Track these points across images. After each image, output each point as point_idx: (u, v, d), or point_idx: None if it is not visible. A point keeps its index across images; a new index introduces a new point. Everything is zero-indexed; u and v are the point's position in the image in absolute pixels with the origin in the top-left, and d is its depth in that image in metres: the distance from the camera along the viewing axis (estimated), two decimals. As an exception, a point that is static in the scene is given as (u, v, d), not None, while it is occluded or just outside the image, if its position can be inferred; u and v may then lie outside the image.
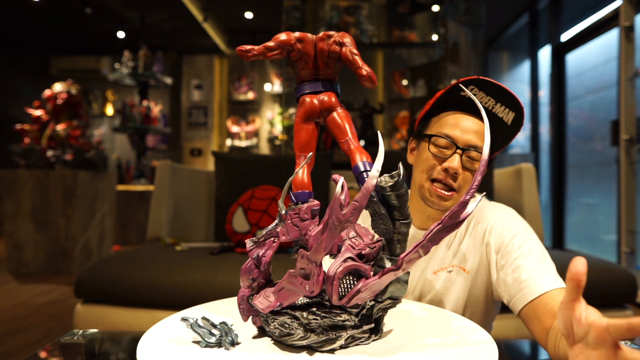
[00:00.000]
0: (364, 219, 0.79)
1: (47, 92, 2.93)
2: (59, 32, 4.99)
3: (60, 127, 2.84)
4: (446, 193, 0.64)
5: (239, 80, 5.56)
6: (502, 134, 0.66)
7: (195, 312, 0.53)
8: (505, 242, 0.64)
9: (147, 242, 3.18)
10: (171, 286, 1.16)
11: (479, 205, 0.71)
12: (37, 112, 2.88)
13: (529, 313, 0.57)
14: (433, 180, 0.66)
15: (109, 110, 5.65)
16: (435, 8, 2.65)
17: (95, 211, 2.84)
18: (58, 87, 2.94)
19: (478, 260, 0.68)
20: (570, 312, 0.34)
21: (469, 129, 0.65)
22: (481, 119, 0.65)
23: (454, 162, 0.63)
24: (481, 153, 0.63)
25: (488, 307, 0.71)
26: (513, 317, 1.17)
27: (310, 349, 0.42)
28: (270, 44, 0.45)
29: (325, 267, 0.42)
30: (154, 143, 5.54)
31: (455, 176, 0.64)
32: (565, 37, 3.39)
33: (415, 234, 0.72)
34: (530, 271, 0.59)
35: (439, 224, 0.41)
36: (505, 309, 1.17)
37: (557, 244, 3.38)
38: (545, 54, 3.82)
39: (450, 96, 0.67)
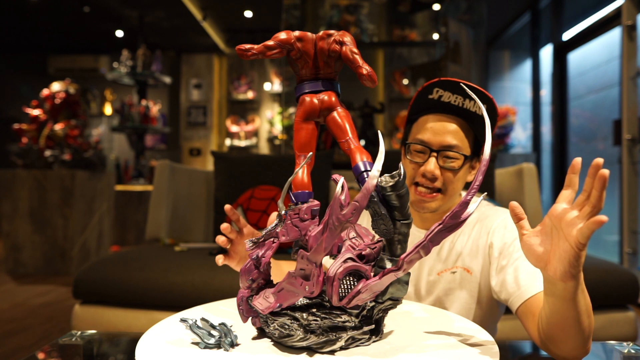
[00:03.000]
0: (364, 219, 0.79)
1: (45, 92, 2.92)
2: (57, 31, 4.97)
3: (58, 127, 2.83)
4: (427, 195, 0.66)
5: (239, 79, 5.56)
6: (481, 125, 0.67)
7: (194, 313, 0.53)
8: (508, 244, 0.66)
9: (145, 243, 3.17)
10: (170, 287, 1.15)
11: (483, 208, 0.73)
12: (35, 112, 2.86)
13: (525, 310, 0.59)
14: (416, 185, 0.68)
15: (108, 109, 5.63)
16: (436, 7, 2.65)
17: (94, 211, 2.83)
18: (56, 86, 2.93)
19: (482, 262, 0.69)
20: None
21: (441, 130, 0.66)
22: (455, 116, 0.67)
23: (430, 165, 0.66)
24: (457, 152, 0.66)
25: (492, 308, 0.71)
26: (514, 319, 1.18)
27: (310, 350, 0.42)
28: (270, 42, 0.45)
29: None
30: (153, 143, 5.53)
31: (434, 179, 0.66)
32: (567, 36, 3.39)
33: (415, 232, 0.73)
34: (529, 272, 0.61)
35: (440, 224, 0.40)
36: (506, 310, 1.17)
37: (557, 244, 3.36)
38: (547, 53, 3.83)
39: (420, 100, 0.69)
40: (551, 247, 0.44)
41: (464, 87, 0.56)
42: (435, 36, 2.73)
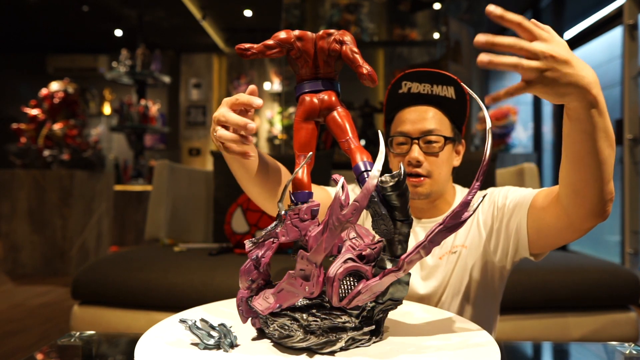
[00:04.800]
0: (364, 218, 0.79)
1: (43, 91, 2.91)
2: (56, 31, 4.97)
3: (57, 127, 2.82)
4: (415, 180, 0.69)
5: (238, 79, 5.55)
6: (453, 108, 0.71)
7: (193, 314, 0.53)
8: (499, 202, 0.70)
9: (145, 243, 3.16)
10: (169, 287, 1.15)
11: (464, 190, 0.77)
12: (34, 112, 2.86)
13: (534, 221, 0.62)
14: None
15: (107, 109, 5.62)
16: (437, 6, 2.65)
17: (93, 211, 2.82)
18: (55, 86, 2.92)
19: (474, 234, 0.73)
20: None
21: (417, 118, 0.70)
22: (428, 105, 0.71)
23: (414, 152, 0.69)
24: (437, 135, 0.69)
25: (493, 280, 0.73)
26: (513, 319, 1.18)
27: (310, 351, 0.42)
28: (270, 42, 0.45)
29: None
30: (152, 142, 5.52)
31: (418, 164, 0.69)
32: (568, 35, 3.39)
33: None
34: (517, 198, 0.67)
35: (440, 225, 0.40)
36: (504, 311, 1.16)
37: (559, 244, 3.37)
38: (546, 52, 3.82)
39: (392, 98, 0.73)
40: None
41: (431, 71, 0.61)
42: (436, 35, 2.73)
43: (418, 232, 0.74)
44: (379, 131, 0.47)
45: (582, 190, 0.52)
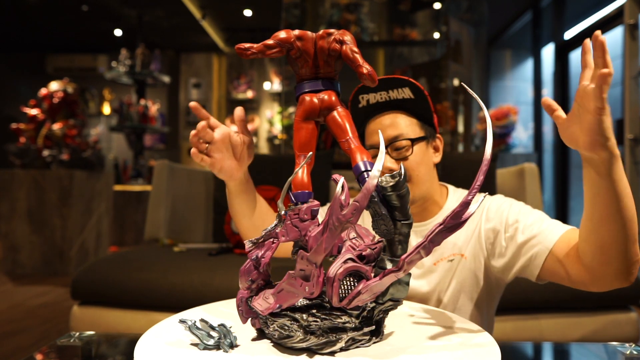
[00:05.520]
0: (364, 219, 0.79)
1: (43, 91, 2.91)
2: (56, 30, 4.96)
3: (56, 127, 2.82)
4: None
5: (238, 78, 5.55)
6: (416, 107, 0.71)
7: (193, 314, 0.53)
8: (510, 218, 0.68)
9: (144, 243, 3.16)
10: (169, 288, 1.15)
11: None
12: (33, 111, 2.86)
13: (554, 262, 0.60)
14: None
15: (106, 109, 5.62)
16: (437, 5, 2.65)
17: (92, 212, 2.82)
18: (54, 85, 2.92)
19: (474, 244, 0.71)
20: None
21: (381, 128, 0.70)
22: (391, 111, 0.71)
23: (386, 162, 0.70)
24: (402, 139, 0.69)
25: (489, 288, 0.73)
26: (513, 319, 1.18)
27: (310, 352, 0.42)
28: (270, 41, 0.44)
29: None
30: (152, 142, 5.52)
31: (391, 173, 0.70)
32: (569, 35, 3.39)
33: None
34: (539, 225, 0.64)
35: (440, 225, 0.40)
36: (504, 311, 1.16)
37: (559, 244, 3.37)
38: (548, 52, 3.82)
39: (357, 114, 0.73)
40: (579, 123, 0.48)
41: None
42: (436, 35, 2.73)
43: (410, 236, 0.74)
44: (379, 131, 0.47)
45: (609, 249, 0.52)
